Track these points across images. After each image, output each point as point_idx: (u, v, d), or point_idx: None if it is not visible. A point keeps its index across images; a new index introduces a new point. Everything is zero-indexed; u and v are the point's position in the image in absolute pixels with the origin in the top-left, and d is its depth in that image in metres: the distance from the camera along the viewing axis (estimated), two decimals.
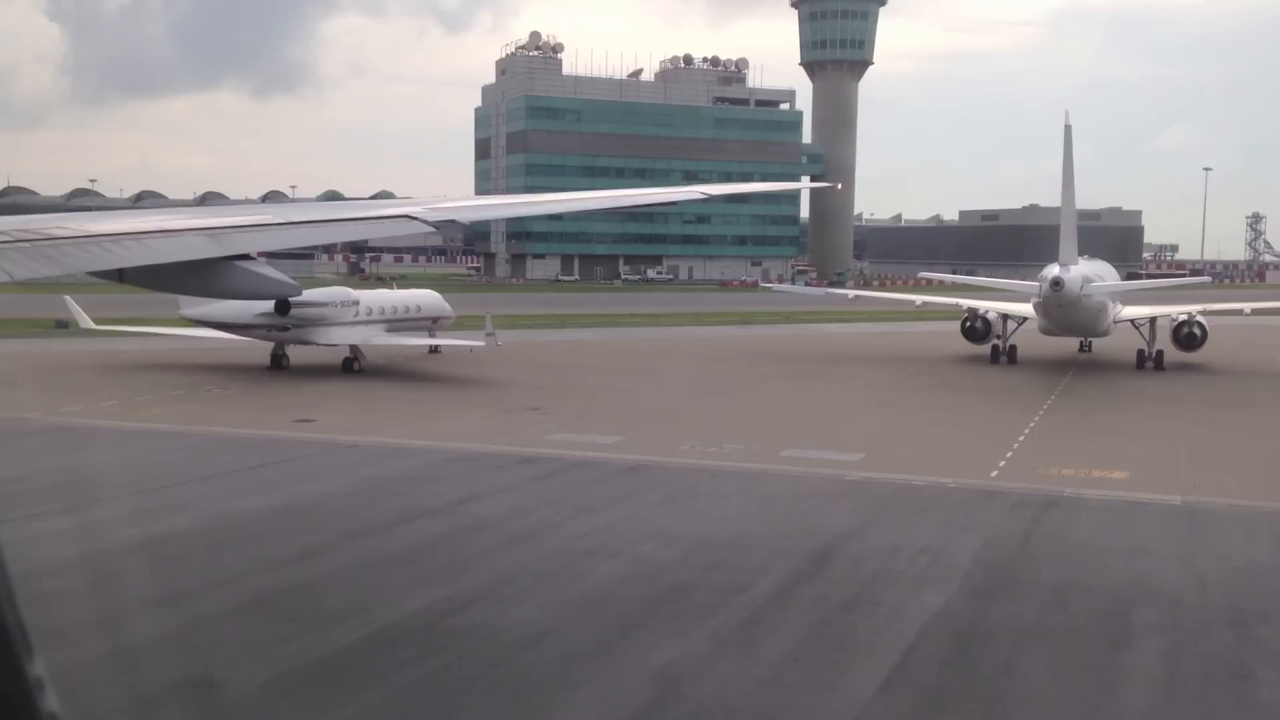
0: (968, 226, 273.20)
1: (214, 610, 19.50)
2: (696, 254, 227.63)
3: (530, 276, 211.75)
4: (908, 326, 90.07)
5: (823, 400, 48.94)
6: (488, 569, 22.15)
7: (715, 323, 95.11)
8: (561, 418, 42.83)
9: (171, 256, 13.94)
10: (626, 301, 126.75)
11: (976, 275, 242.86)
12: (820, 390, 52.48)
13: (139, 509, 27.14)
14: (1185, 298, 77.70)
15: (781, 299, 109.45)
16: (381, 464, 33.72)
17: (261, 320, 53.73)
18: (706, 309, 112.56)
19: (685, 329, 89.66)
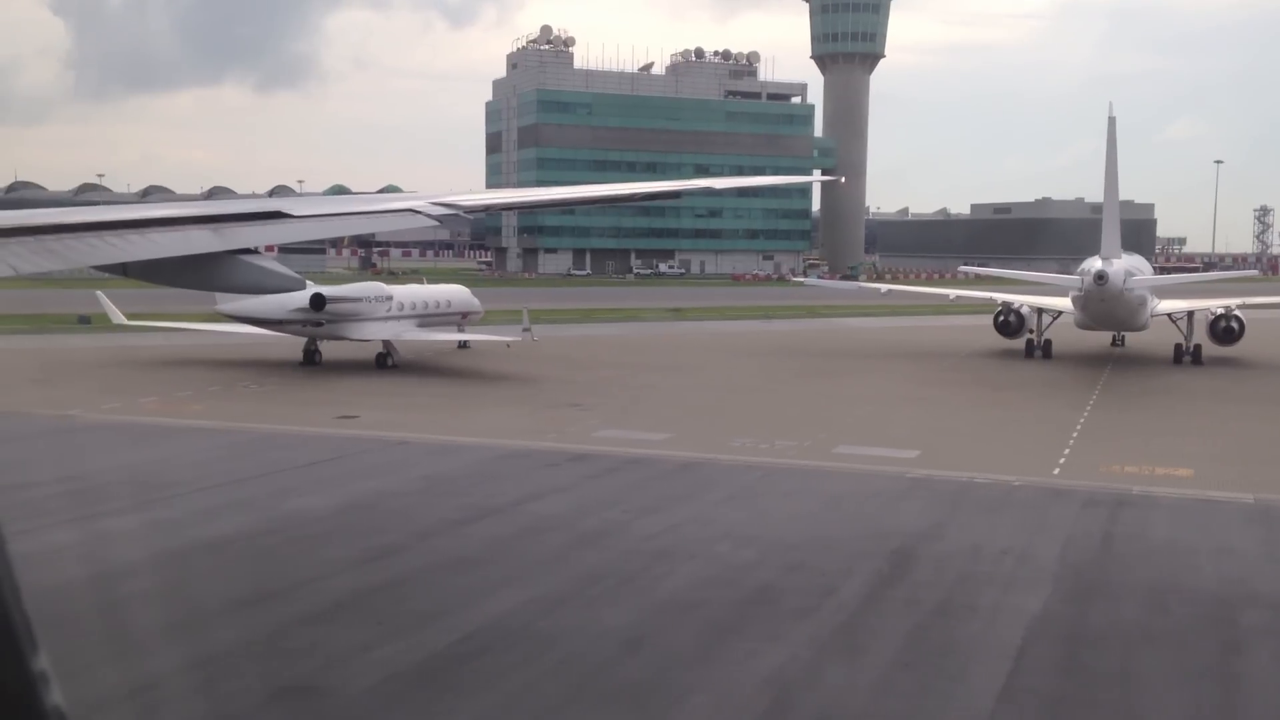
0: (979, 220, 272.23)
1: (300, 612, 19.18)
2: (708, 248, 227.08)
3: (542, 271, 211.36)
4: (933, 321, 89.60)
5: (864, 396, 48.52)
6: (567, 570, 21.79)
7: (739, 317, 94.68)
8: (604, 414, 42.48)
9: (174, 250, 13.86)
10: (644, 296, 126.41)
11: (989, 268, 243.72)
12: (858, 385, 52.07)
13: (201, 508, 26.86)
14: (1221, 291, 77.15)
15: (803, 293, 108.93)
16: (434, 461, 33.42)
17: (297, 316, 53.49)
18: (726, 303, 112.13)
19: (710, 323, 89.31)
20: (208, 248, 14.48)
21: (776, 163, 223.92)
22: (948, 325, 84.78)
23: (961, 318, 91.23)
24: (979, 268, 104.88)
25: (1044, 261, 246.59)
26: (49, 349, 63.27)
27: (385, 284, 61.05)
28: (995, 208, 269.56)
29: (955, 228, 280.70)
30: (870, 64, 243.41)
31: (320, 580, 21.07)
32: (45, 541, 23.30)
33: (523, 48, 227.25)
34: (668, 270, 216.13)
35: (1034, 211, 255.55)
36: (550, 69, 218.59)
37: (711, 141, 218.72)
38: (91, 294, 65.31)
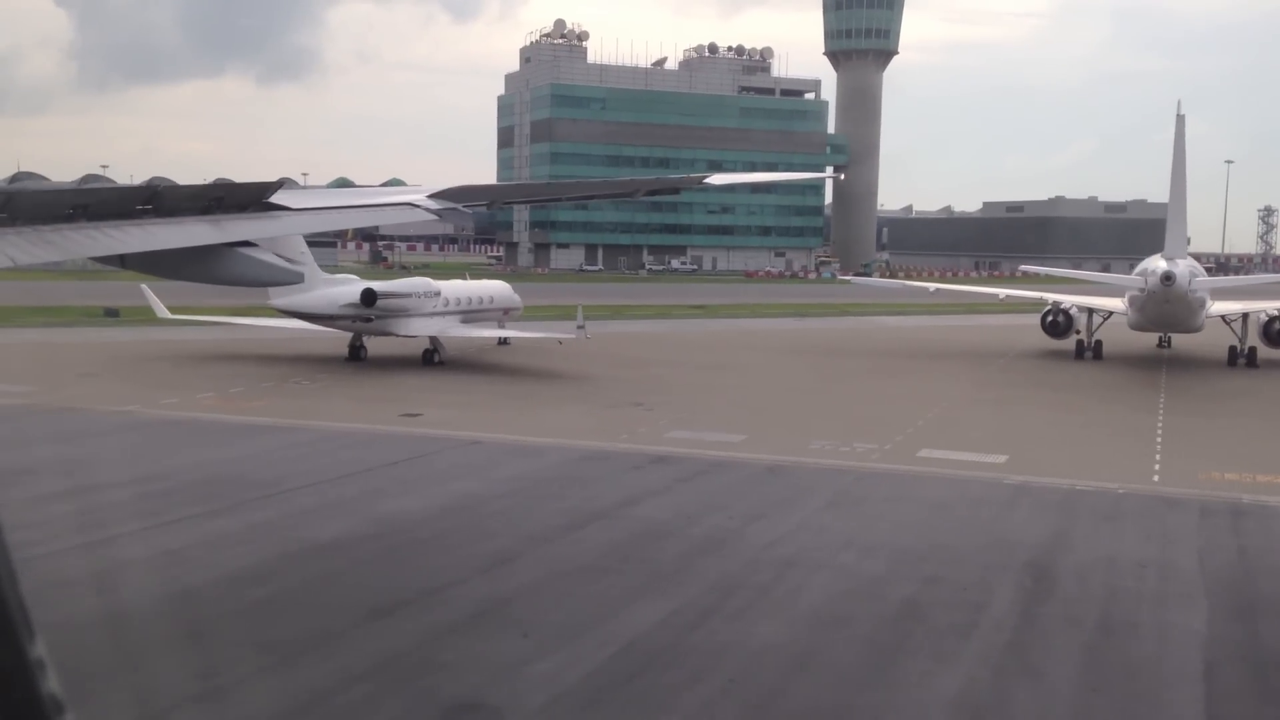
0: (992, 218, 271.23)
1: (441, 622, 18.51)
2: (720, 244, 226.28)
3: (554, 266, 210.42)
4: (967, 320, 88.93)
5: (925, 397, 47.78)
6: (697, 580, 21.13)
7: (770, 315, 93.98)
8: (669, 414, 41.77)
9: (173, 243, 13.73)
10: (665, 292, 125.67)
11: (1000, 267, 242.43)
12: (917, 386, 51.38)
13: (297, 510, 26.22)
14: (1273, 293, 76.43)
15: (831, 290, 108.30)
16: (515, 462, 32.74)
17: (347, 311, 52.83)
18: (753, 300, 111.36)
19: (743, 321, 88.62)
20: (205, 240, 14.34)
21: (790, 159, 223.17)
22: (984, 325, 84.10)
23: (996, 317, 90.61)
24: (1041, 267, 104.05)
25: (1056, 260, 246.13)
26: (87, 343, 62.48)
27: (433, 280, 60.23)
28: (1007, 206, 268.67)
29: (967, 226, 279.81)
30: (884, 60, 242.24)
31: (448, 588, 20.39)
32: (155, 545, 22.72)
33: (536, 42, 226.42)
34: (680, 266, 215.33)
35: (1046, 210, 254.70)
36: (564, 63, 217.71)
37: (725, 137, 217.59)
38: (107, 285, 65.20)
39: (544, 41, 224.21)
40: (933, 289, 77.86)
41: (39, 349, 59.09)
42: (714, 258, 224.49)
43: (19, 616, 2.65)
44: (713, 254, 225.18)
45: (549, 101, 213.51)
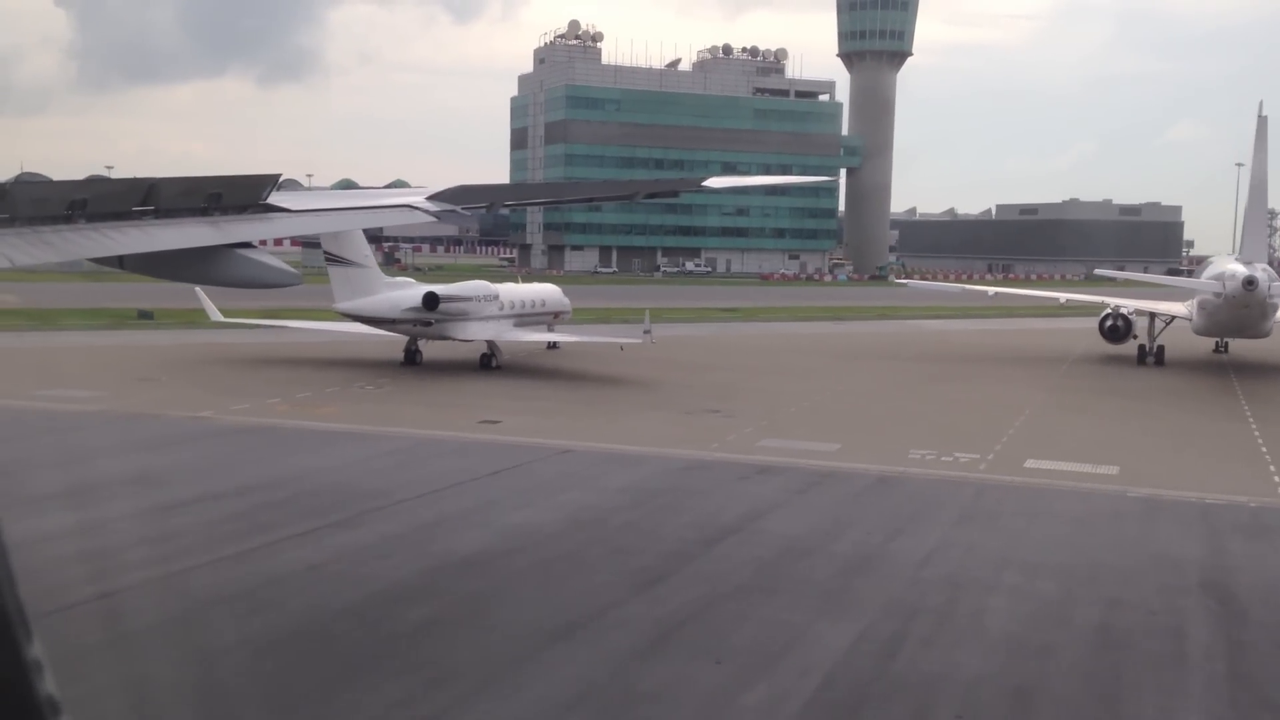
0: (1005, 221, 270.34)
1: (624, 648, 17.64)
2: (734, 247, 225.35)
3: (568, 268, 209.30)
4: (1009, 324, 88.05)
5: (1004, 403, 46.97)
6: (867, 602, 20.26)
7: (808, 318, 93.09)
8: (749, 422, 40.89)
9: (172, 244, 13.69)
10: (687, 295, 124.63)
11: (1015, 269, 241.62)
12: (990, 392, 50.60)
13: (423, 522, 25.40)
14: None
15: (856, 293, 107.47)
16: (619, 472, 31.87)
17: (409, 315, 52.00)
18: (785, 303, 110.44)
19: (783, 325, 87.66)
20: (205, 241, 14.32)
21: (804, 161, 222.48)
22: (1028, 329, 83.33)
23: (1037, 320, 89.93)
24: (1116, 271, 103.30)
25: (1070, 263, 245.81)
26: (132, 345, 61.61)
27: (492, 283, 59.36)
28: (1020, 208, 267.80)
29: (979, 228, 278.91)
30: (898, 62, 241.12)
31: (612, 609, 19.51)
32: (297, 559, 21.89)
33: (550, 43, 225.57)
34: (694, 268, 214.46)
35: (1060, 213, 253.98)
36: (579, 64, 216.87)
37: (739, 139, 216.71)
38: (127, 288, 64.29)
39: (558, 42, 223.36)
40: (991, 293, 76.88)
41: (88, 353, 58.18)
42: (728, 260, 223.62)
43: (17, 618, 2.62)
44: (726, 256, 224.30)
45: (564, 103, 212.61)
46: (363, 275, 52.70)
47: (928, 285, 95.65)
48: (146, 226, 13.57)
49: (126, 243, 13.21)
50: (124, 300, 76.80)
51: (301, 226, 19.09)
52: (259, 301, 65.38)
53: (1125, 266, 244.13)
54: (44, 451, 32.42)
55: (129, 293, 75.65)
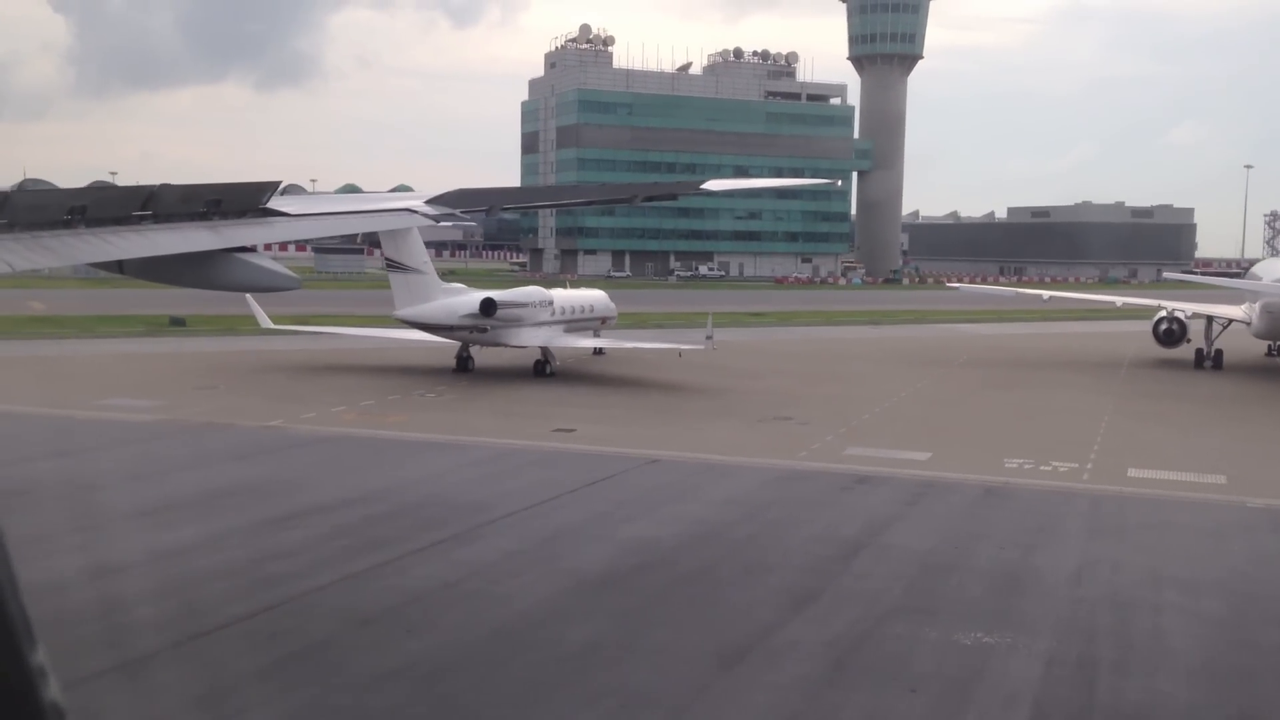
0: (1017, 223, 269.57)
1: (810, 675, 16.83)
2: (746, 250, 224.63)
3: (581, 272, 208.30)
4: (1048, 328, 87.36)
5: (1075, 409, 46.28)
6: (1038, 623, 19.45)
7: (844, 322, 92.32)
8: (827, 429, 40.11)
9: (171, 248, 13.72)
10: (707, 299, 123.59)
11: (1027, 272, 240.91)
12: (1054, 398, 49.89)
13: (542, 537, 24.61)
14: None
15: (885, 297, 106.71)
16: (716, 483, 31.06)
17: (466, 321, 51.17)
18: (810, 307, 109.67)
19: (820, 329, 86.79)
20: (204, 246, 14.34)
21: (816, 164, 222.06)
22: (1068, 333, 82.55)
23: (1076, 324, 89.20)
24: (1185, 274, 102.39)
25: (1083, 266, 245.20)
26: (176, 353, 60.83)
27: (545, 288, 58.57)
28: (1033, 211, 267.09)
29: (989, 230, 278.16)
30: (909, 65, 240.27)
31: (775, 630, 18.70)
32: (426, 575, 21.20)
33: (561, 47, 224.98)
34: (708, 272, 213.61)
35: (1073, 215, 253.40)
36: (590, 69, 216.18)
37: (751, 142, 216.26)
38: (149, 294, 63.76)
39: (569, 46, 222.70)
40: (1046, 296, 75.95)
41: (134, 360, 57.33)
42: (740, 263, 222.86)
43: (20, 625, 2.60)
44: (739, 260, 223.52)
45: (575, 107, 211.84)
46: (421, 281, 51.92)
47: (979, 289, 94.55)
48: (146, 231, 13.47)
49: (126, 247, 13.10)
50: (150, 307, 76.06)
51: (300, 231, 18.77)
52: (293, 307, 64.91)
53: (1138, 269, 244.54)
54: (132, 463, 31.62)
55: (156, 299, 75.27)
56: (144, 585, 20.14)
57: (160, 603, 19.26)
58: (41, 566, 20.78)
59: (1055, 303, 77.10)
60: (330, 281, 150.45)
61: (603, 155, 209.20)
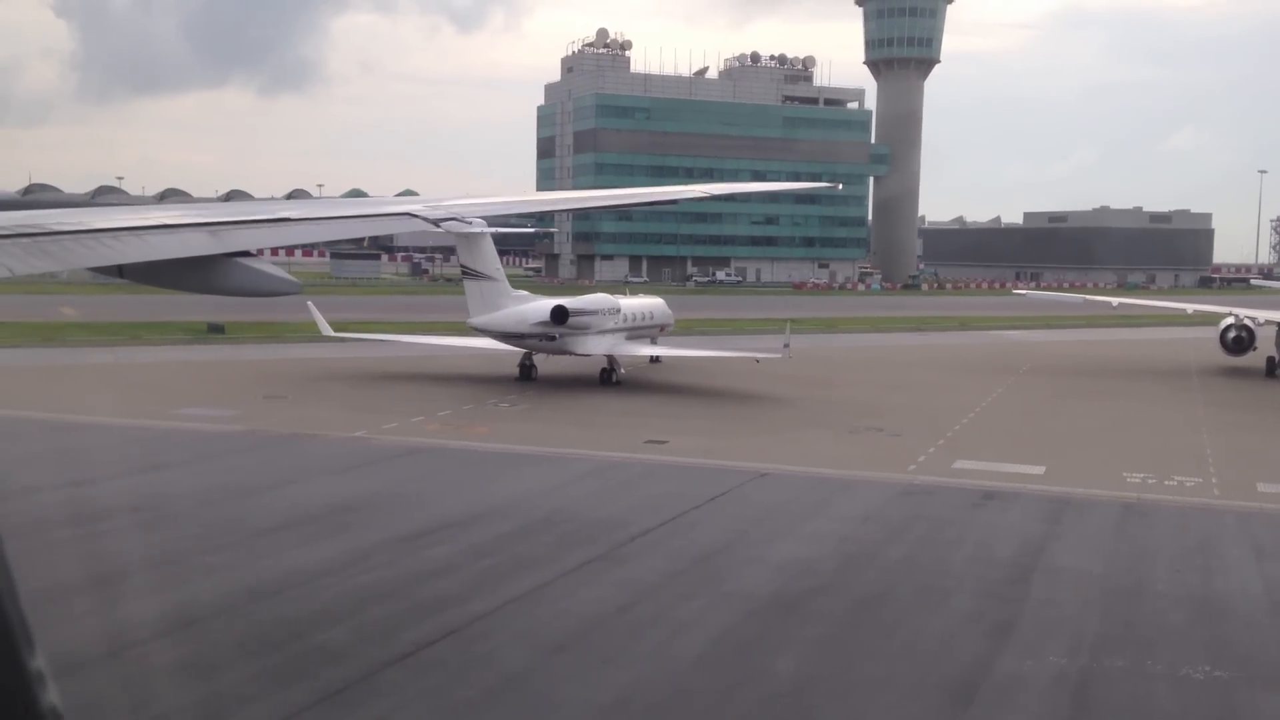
0: (1033, 228, 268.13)
1: (1050, 714, 15.72)
2: (763, 256, 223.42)
3: (598, 278, 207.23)
4: (1099, 335, 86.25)
5: (1164, 420, 45.33)
6: (1257, 655, 18.36)
7: (888, 328, 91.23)
8: (924, 441, 39.04)
9: (171, 253, 13.87)
10: (734, 305, 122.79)
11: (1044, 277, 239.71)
12: (1137, 407, 48.91)
13: (692, 557, 23.50)
14: None
15: (920, 303, 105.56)
16: (840, 498, 30.05)
17: (537, 329, 50.11)
18: (842, 313, 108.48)
19: (867, 336, 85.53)
20: (204, 250, 14.40)
21: (833, 169, 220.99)
22: (1121, 339, 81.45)
23: (1124, 330, 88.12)
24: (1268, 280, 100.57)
25: (1101, 272, 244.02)
26: (230, 360, 59.82)
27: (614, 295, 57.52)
28: (1050, 216, 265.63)
29: (1007, 236, 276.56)
30: (926, 69, 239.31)
31: (992, 662, 17.64)
32: (595, 599, 20.18)
33: (578, 51, 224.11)
34: (725, 278, 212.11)
35: (1091, 220, 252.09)
36: (609, 73, 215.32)
37: (768, 147, 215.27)
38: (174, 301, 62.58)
39: (586, 51, 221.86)
40: (1115, 303, 74.75)
41: (189, 368, 56.33)
42: (757, 269, 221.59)
43: (19, 629, 2.61)
44: (756, 265, 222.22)
45: (593, 111, 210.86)
46: (494, 289, 50.90)
47: (1046, 296, 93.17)
48: (145, 235, 13.55)
49: (126, 251, 13.07)
50: (175, 313, 74.91)
51: (300, 235, 19.06)
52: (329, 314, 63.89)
53: (1156, 275, 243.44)
54: (236, 476, 30.57)
55: (184, 306, 74.07)
56: (308, 609, 19.13)
57: (332, 628, 18.25)
58: (196, 589, 19.80)
59: (1124, 309, 75.99)
60: (350, 287, 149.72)
61: (620, 160, 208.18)
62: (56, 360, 56.54)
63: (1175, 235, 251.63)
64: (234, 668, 16.29)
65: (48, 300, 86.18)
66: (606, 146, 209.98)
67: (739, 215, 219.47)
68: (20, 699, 2.59)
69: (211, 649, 17.14)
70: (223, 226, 14.86)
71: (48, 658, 2.62)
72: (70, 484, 28.52)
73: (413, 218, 18.04)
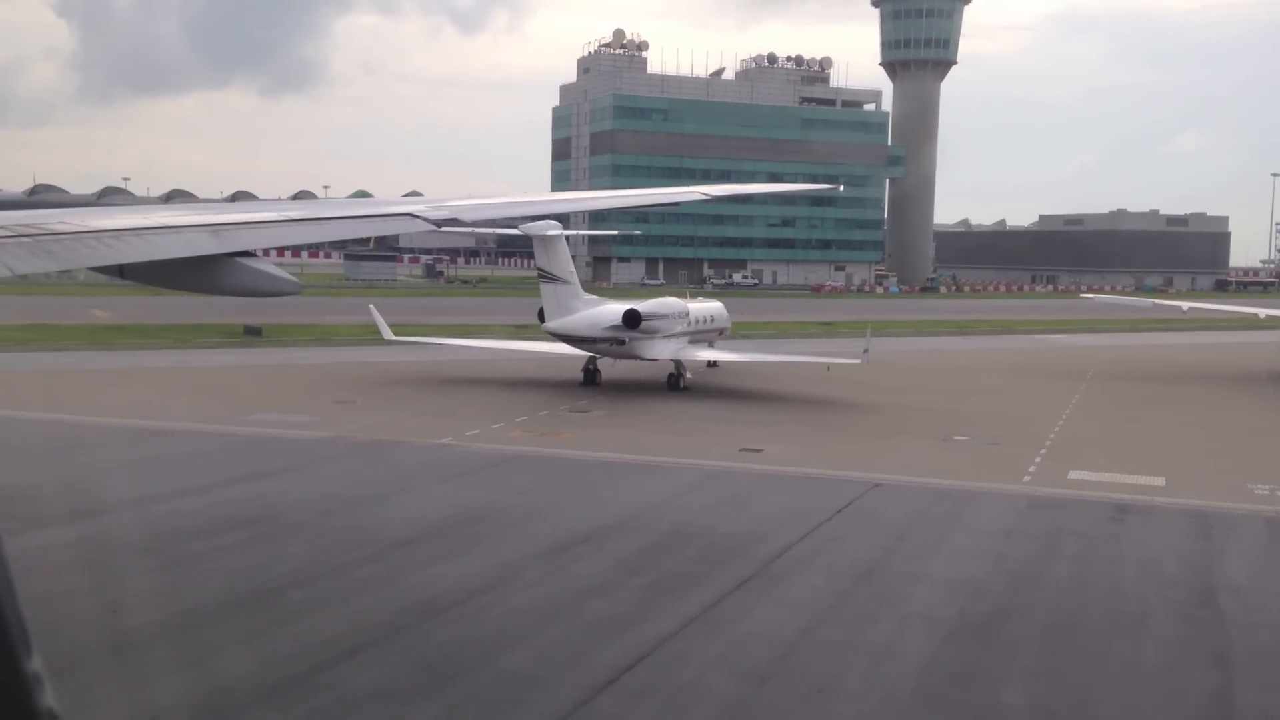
0: (1048, 231, 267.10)
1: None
2: (780, 258, 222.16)
3: (615, 281, 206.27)
4: (1147, 339, 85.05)
5: (1264, 428, 44.16)
6: None
7: (932, 331, 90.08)
8: (1026, 449, 37.98)
9: (172, 252, 13.89)
10: (762, 309, 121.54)
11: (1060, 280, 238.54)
12: (1228, 413, 47.99)
13: (855, 574, 22.32)
14: None
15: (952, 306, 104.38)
16: (967, 512, 28.98)
17: (608, 334, 48.94)
18: (878, 316, 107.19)
19: (912, 339, 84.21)
20: (205, 250, 14.43)
21: (850, 171, 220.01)
22: (1174, 344, 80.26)
23: (1170, 335, 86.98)
24: None
25: (1118, 275, 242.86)
26: (282, 364, 58.69)
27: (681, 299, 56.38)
28: (1065, 219, 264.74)
29: (1021, 239, 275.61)
30: (942, 71, 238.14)
31: (1230, 696, 16.50)
32: (775, 621, 19.03)
33: (594, 52, 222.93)
34: (742, 280, 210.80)
35: (1107, 223, 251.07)
36: (625, 74, 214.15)
37: (785, 149, 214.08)
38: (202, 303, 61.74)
39: (603, 51, 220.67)
40: (1185, 308, 73.56)
41: (246, 372, 55.17)
42: (774, 271, 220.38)
43: (17, 631, 2.62)
44: (772, 268, 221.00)
45: (611, 112, 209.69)
46: (568, 292, 49.78)
47: (1115, 300, 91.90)
48: (147, 234, 13.57)
49: (127, 251, 13.08)
50: (196, 315, 73.92)
51: (302, 235, 18.93)
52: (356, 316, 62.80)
53: (1173, 279, 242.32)
54: (341, 485, 29.39)
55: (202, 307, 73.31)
56: (482, 630, 18.07)
57: (517, 650, 17.13)
58: (359, 606, 18.77)
59: (1194, 314, 74.84)
60: (367, 289, 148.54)
61: (638, 161, 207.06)
62: (112, 364, 55.38)
63: (1193, 238, 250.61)
64: (439, 695, 15.21)
65: (68, 303, 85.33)
66: (624, 148, 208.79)
67: (755, 217, 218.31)
68: (18, 701, 2.58)
69: (405, 673, 16.02)
70: (224, 227, 14.97)
71: (45, 660, 2.57)
72: (175, 493, 27.38)
73: (414, 218, 17.97)
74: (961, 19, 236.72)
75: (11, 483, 27.87)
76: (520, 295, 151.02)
